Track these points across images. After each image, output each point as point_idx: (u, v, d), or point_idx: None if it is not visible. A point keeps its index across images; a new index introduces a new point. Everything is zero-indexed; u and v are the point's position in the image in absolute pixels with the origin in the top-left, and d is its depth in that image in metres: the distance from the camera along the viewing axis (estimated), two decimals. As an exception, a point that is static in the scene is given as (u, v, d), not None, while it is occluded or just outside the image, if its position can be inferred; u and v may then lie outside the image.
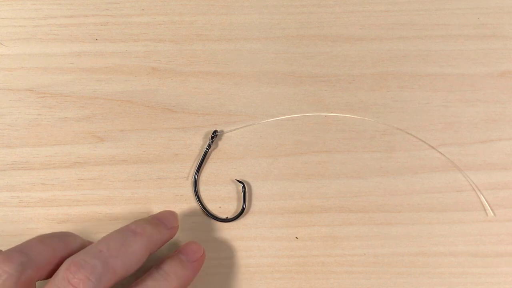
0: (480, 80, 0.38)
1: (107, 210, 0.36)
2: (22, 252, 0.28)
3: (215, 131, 0.36)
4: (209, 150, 0.36)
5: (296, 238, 0.37)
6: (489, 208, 0.36)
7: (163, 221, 0.33)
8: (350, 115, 0.37)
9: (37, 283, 0.30)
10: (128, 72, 0.37)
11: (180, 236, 0.36)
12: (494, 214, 0.36)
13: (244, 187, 0.36)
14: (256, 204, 0.37)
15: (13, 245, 0.31)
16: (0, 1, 0.38)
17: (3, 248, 0.31)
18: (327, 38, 0.38)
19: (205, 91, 0.37)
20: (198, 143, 0.37)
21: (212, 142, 0.36)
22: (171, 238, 0.34)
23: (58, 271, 0.28)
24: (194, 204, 0.37)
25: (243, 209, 0.36)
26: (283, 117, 0.37)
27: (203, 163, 0.36)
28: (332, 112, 0.37)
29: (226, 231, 0.36)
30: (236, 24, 0.38)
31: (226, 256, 0.36)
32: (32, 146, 0.37)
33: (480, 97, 0.37)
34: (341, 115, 0.37)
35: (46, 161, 0.37)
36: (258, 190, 0.37)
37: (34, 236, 0.31)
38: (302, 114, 0.37)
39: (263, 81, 0.38)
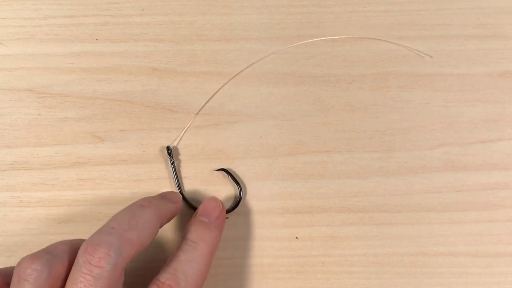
0: (480, 80, 0.38)
1: (107, 210, 0.36)
2: (46, 251, 0.29)
3: (168, 147, 0.36)
4: (175, 166, 0.36)
5: (296, 238, 0.37)
6: None
7: (166, 196, 0.34)
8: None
9: None
10: (128, 72, 0.37)
11: (181, 235, 0.36)
12: None
13: (227, 172, 0.36)
14: (256, 204, 0.37)
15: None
16: (0, 1, 0.38)
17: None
18: (327, 38, 0.38)
19: (205, 91, 0.37)
20: (198, 143, 0.37)
21: (172, 159, 0.36)
22: (177, 212, 0.34)
23: (77, 257, 0.28)
24: (194, 204, 0.37)
25: (240, 189, 0.36)
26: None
27: (180, 179, 0.36)
28: (332, 113, 0.37)
29: (226, 231, 0.36)
30: (236, 24, 0.38)
31: (226, 256, 0.36)
32: (32, 146, 0.37)
33: (480, 97, 0.37)
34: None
35: (46, 161, 0.37)
36: (258, 190, 0.37)
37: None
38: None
39: (263, 81, 0.38)
